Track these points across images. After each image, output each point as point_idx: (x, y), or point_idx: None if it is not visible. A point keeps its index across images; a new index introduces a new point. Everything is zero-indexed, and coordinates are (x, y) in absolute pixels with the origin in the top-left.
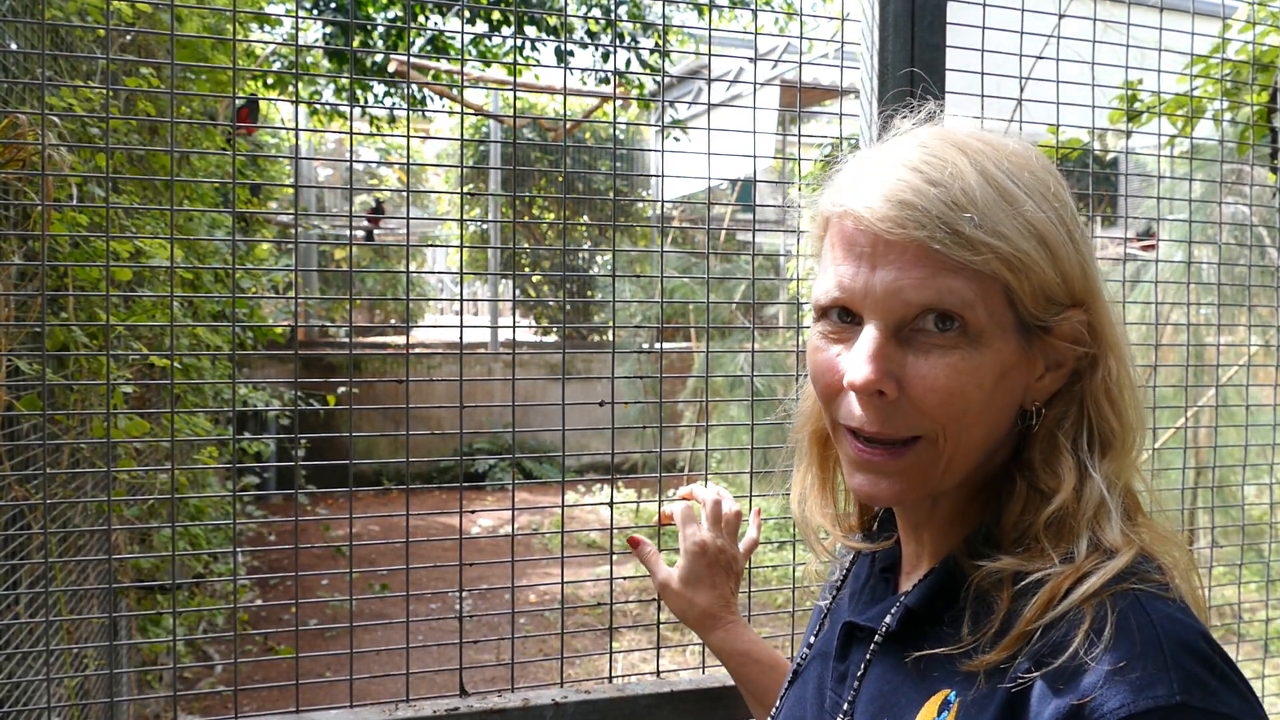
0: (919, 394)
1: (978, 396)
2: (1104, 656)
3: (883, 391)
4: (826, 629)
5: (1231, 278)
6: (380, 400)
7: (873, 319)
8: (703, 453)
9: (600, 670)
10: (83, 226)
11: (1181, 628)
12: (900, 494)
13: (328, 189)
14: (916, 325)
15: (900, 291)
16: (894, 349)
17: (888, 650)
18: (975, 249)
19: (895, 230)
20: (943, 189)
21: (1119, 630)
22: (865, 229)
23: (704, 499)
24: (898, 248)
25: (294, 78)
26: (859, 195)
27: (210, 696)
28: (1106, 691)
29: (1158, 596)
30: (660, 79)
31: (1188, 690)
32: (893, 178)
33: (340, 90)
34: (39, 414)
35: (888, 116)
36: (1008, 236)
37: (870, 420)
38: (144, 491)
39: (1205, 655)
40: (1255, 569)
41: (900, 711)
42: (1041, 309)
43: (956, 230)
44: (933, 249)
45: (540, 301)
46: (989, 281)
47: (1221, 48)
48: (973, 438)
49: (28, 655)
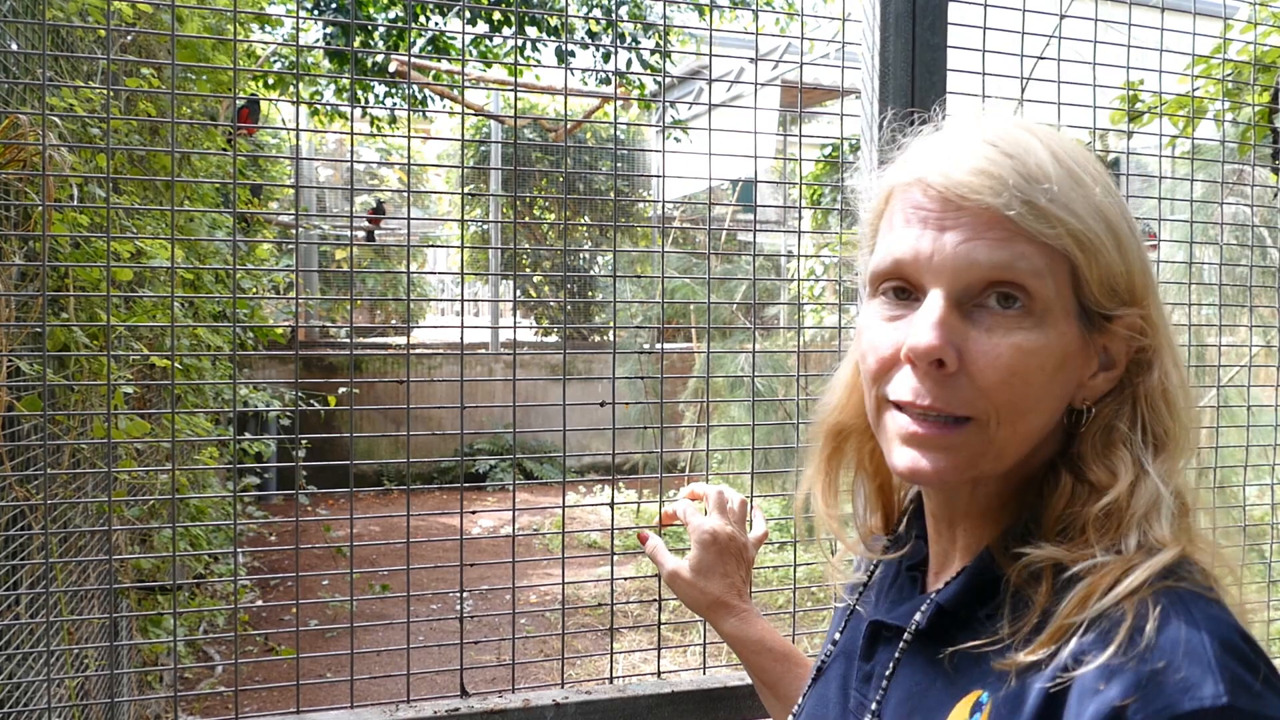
0: (979, 369)
1: (1038, 380)
2: (1148, 656)
3: (943, 362)
4: (850, 628)
5: (1233, 278)
6: (381, 401)
7: (937, 285)
8: (704, 453)
9: (601, 671)
10: (83, 227)
11: (1225, 628)
12: (944, 473)
13: (329, 189)
14: (980, 300)
15: (971, 252)
16: (957, 320)
17: (917, 650)
18: (1049, 221)
19: (970, 196)
20: (1018, 161)
21: (1162, 629)
22: (936, 195)
23: (706, 494)
24: (970, 211)
25: (295, 78)
26: (932, 163)
27: (211, 697)
28: (1150, 692)
29: (1201, 595)
30: (661, 79)
31: (1234, 692)
32: (967, 149)
33: (341, 91)
34: (40, 414)
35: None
36: (1080, 215)
37: (925, 392)
38: (145, 492)
39: (1248, 657)
40: (1257, 570)
41: (931, 712)
42: (1105, 296)
43: (1032, 200)
44: (1007, 216)
45: (541, 302)
46: (1058, 258)
47: (1223, 48)
48: (1027, 425)
49: (28, 656)
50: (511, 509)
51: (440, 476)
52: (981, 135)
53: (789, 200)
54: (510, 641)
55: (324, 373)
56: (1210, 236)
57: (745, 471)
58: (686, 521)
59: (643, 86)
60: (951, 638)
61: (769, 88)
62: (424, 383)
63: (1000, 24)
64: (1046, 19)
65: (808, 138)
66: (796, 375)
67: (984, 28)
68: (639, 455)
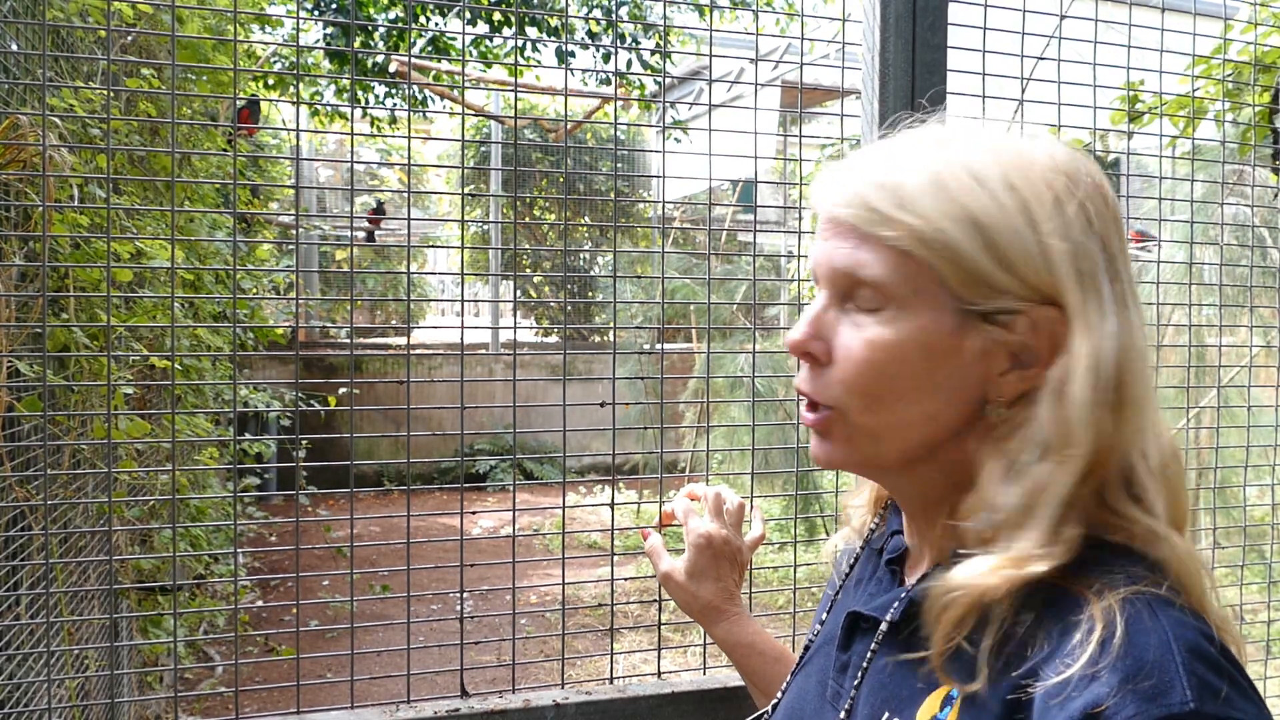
0: (837, 361)
1: (894, 370)
2: (1116, 664)
3: (810, 354)
4: (832, 615)
5: (1233, 278)
6: (381, 401)
7: (820, 289)
8: (704, 453)
9: (601, 671)
10: (84, 227)
11: (1192, 632)
12: (830, 456)
13: (329, 190)
14: (853, 299)
15: (829, 259)
16: (833, 317)
17: (892, 642)
18: (889, 225)
19: (831, 209)
20: (876, 171)
21: (1130, 636)
22: (822, 210)
23: (705, 495)
24: (833, 223)
25: (295, 79)
26: (820, 185)
27: (211, 697)
28: (1120, 700)
29: (1168, 601)
30: (661, 80)
31: (1201, 698)
32: (848, 165)
33: (341, 91)
34: (40, 415)
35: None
36: (926, 216)
37: (801, 379)
38: (145, 492)
39: (1215, 660)
40: (1257, 570)
41: (903, 705)
42: (973, 292)
43: (873, 207)
44: (852, 223)
45: (541, 302)
46: (908, 258)
47: (1223, 48)
48: (894, 414)
49: (29, 656)
50: (512, 509)
51: (440, 477)
52: (865, 151)
53: (789, 201)
54: (510, 642)
55: (324, 373)
56: (1210, 237)
57: (745, 472)
58: (683, 522)
59: (643, 87)
60: (923, 633)
61: (769, 88)
62: (424, 383)
63: (1000, 24)
64: (1046, 19)
65: (808, 138)
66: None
67: (984, 28)
68: (639, 456)
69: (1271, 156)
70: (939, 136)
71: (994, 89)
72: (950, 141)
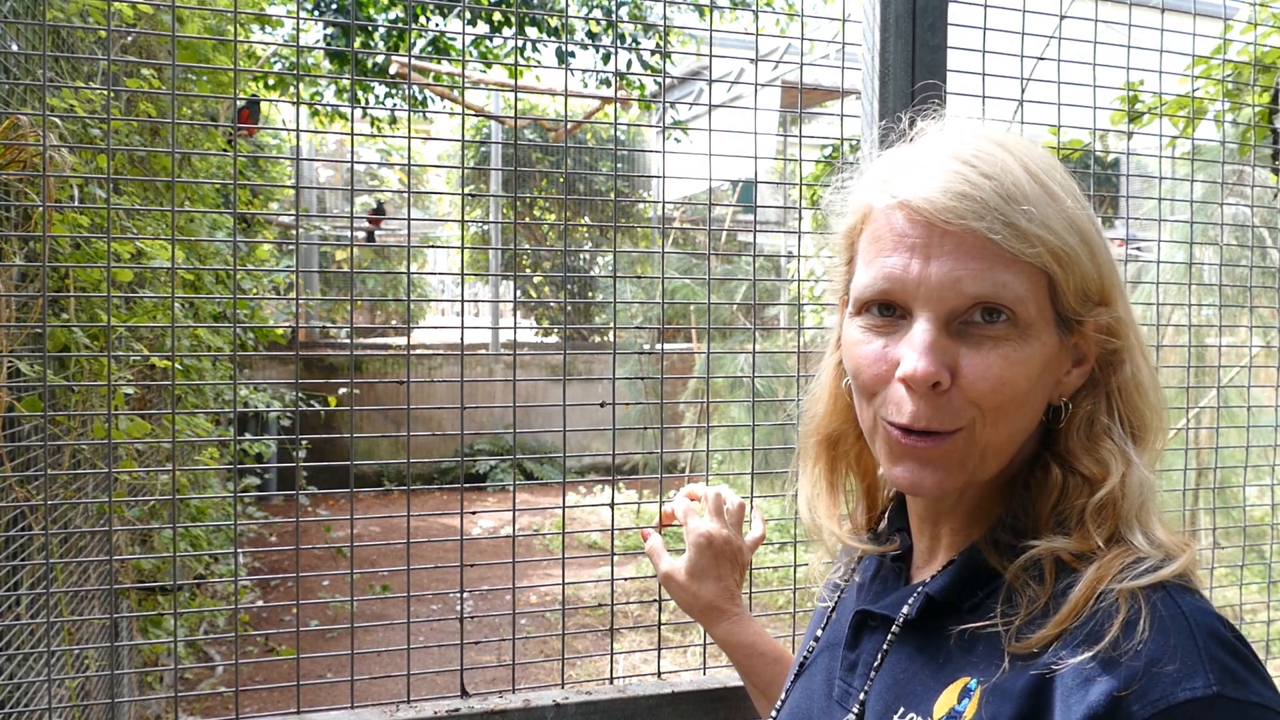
0: (969, 382)
1: (1024, 387)
2: (1141, 649)
3: (938, 383)
4: (834, 621)
5: (1233, 279)
6: (381, 401)
7: (925, 311)
8: (704, 454)
9: (601, 671)
10: (84, 227)
11: (1212, 619)
12: (942, 483)
13: (329, 190)
14: (966, 318)
15: (958, 283)
16: (946, 341)
17: (905, 639)
18: (1029, 241)
19: (954, 221)
20: (996, 182)
21: (1154, 622)
22: (920, 220)
23: (705, 495)
24: (954, 238)
25: (295, 79)
26: (913, 186)
27: (211, 697)
28: (1145, 684)
29: (1185, 589)
30: (661, 80)
31: (1222, 681)
32: (946, 169)
33: (341, 91)
34: (40, 415)
35: (896, 120)
36: (1056, 230)
37: (920, 414)
38: (145, 492)
39: (1235, 647)
40: (1257, 570)
41: (917, 699)
42: (1079, 303)
43: (1013, 222)
44: (990, 240)
45: (541, 302)
46: (1037, 275)
47: (1223, 49)
48: (1011, 427)
49: (29, 656)
50: (512, 509)
51: (440, 477)
52: (956, 153)
53: (789, 201)
54: (510, 642)
55: (324, 373)
56: (1210, 237)
57: (745, 472)
58: (684, 522)
59: (643, 87)
60: (940, 627)
61: (769, 88)
62: (424, 383)
63: (1000, 24)
64: (1046, 19)
65: (808, 138)
66: (796, 376)
67: (984, 28)
68: (639, 456)
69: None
70: (990, 137)
71: (994, 89)
72: (1007, 144)
